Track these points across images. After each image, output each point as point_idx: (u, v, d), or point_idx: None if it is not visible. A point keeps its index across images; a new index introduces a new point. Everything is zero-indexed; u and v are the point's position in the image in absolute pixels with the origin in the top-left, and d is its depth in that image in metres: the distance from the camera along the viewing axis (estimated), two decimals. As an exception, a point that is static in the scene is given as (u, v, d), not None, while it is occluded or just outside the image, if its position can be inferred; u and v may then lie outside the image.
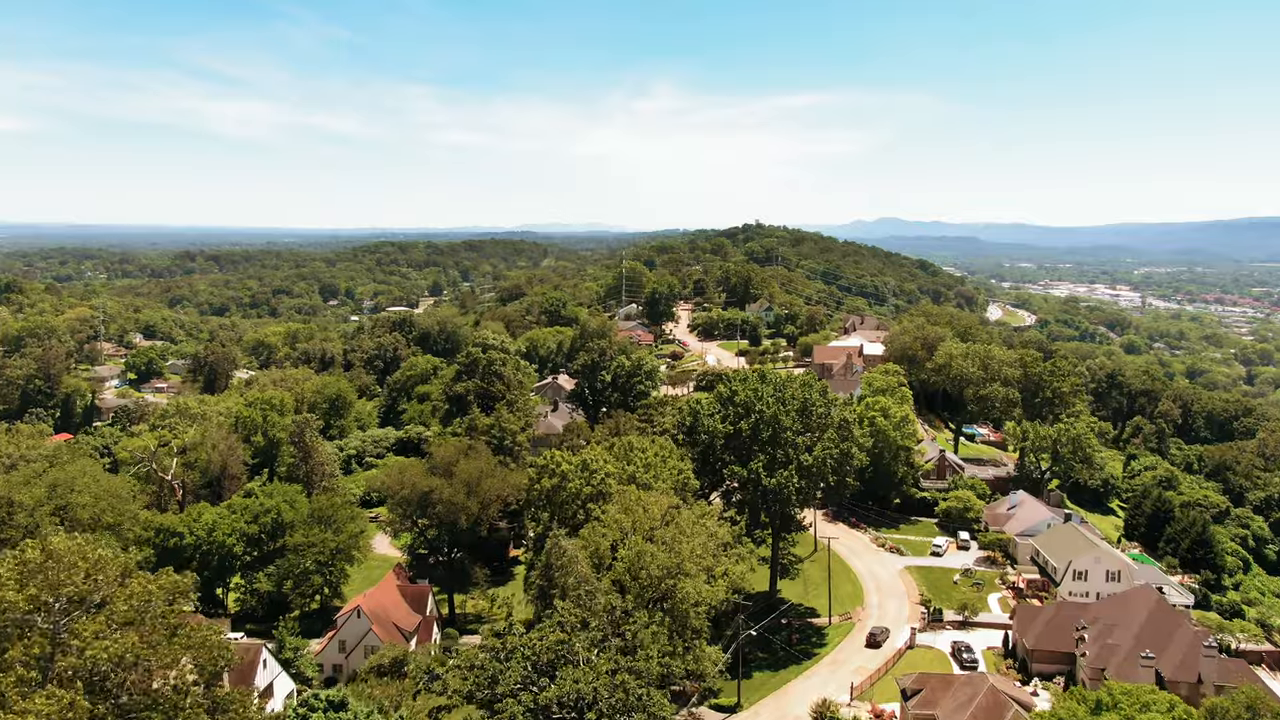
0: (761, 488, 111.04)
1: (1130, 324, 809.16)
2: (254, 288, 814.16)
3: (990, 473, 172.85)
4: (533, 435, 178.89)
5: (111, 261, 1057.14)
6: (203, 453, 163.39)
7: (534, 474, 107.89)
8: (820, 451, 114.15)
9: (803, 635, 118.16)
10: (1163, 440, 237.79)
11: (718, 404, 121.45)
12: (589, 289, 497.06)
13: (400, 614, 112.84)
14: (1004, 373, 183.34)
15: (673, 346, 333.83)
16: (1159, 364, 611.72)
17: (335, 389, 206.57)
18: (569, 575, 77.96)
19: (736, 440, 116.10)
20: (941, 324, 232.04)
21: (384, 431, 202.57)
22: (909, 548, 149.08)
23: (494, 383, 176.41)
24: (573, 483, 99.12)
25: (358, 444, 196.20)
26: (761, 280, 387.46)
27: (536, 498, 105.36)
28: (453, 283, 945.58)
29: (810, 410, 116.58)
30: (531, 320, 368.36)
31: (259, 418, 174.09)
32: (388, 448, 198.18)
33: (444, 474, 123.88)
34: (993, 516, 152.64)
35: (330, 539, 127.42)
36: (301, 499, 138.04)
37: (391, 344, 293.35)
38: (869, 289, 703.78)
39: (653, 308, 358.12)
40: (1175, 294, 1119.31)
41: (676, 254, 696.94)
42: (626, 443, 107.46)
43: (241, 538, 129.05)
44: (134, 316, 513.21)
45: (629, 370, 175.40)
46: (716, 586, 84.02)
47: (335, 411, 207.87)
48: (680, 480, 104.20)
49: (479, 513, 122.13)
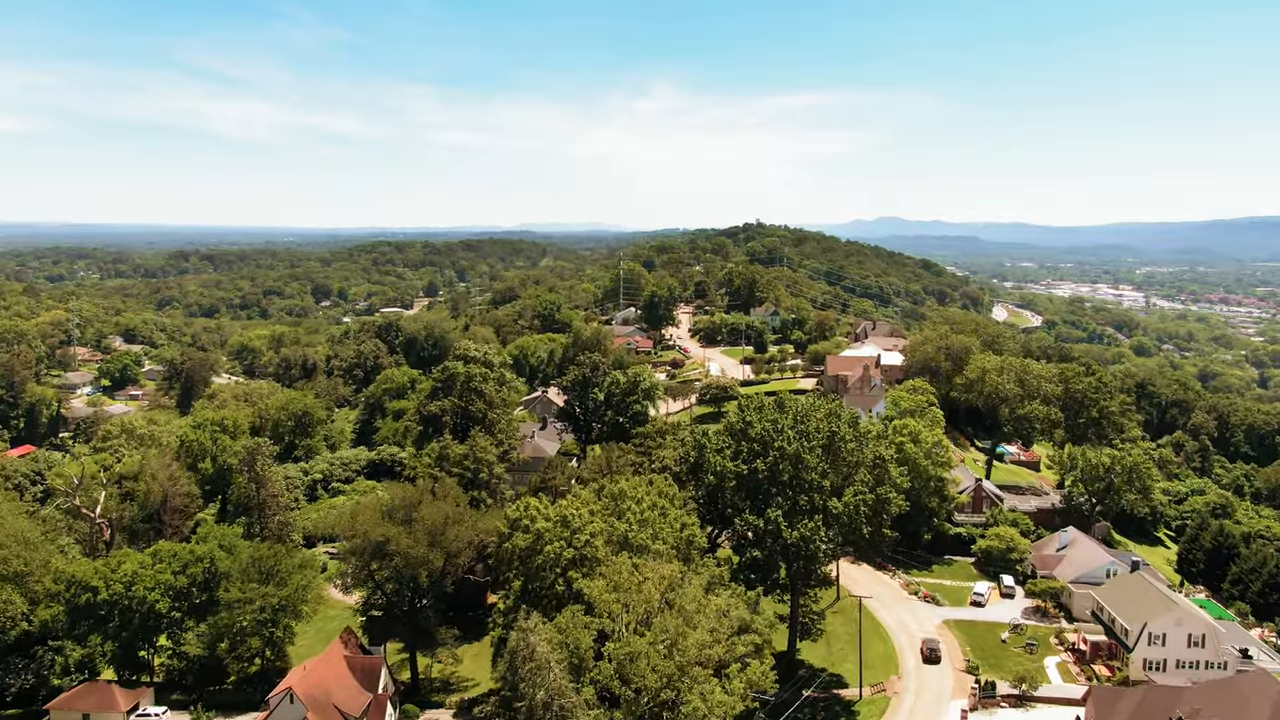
0: (782, 541, 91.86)
1: (1137, 325, 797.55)
2: (245, 288, 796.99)
3: (1032, 504, 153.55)
4: (518, 458, 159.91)
5: (105, 261, 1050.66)
6: (142, 483, 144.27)
7: (505, 527, 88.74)
8: (852, 498, 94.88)
9: (829, 715, 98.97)
10: (1206, 458, 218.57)
11: (728, 437, 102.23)
12: (586, 291, 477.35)
13: (345, 693, 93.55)
14: (1043, 389, 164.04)
15: (673, 353, 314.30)
16: (1170, 366, 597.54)
17: (301, 405, 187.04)
18: (537, 687, 59.01)
19: (751, 482, 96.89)
20: (967, 332, 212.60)
21: (355, 453, 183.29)
22: (945, 595, 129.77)
23: (473, 401, 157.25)
24: (551, 544, 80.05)
25: (325, 467, 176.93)
26: (767, 282, 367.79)
27: (508, 556, 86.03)
28: (449, 283, 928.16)
29: (839, 446, 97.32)
30: (524, 325, 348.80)
31: (208, 441, 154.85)
32: (358, 470, 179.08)
33: (403, 519, 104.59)
34: (1040, 559, 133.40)
35: (272, 593, 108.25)
36: (242, 544, 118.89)
37: (372, 352, 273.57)
38: (873, 290, 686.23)
39: (652, 311, 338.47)
40: (1179, 294, 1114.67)
41: (676, 254, 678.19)
42: (618, 490, 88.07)
43: (168, 591, 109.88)
44: (113, 319, 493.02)
45: (624, 388, 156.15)
46: (732, 690, 64.79)
47: (301, 430, 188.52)
48: (684, 538, 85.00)
49: (444, 566, 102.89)
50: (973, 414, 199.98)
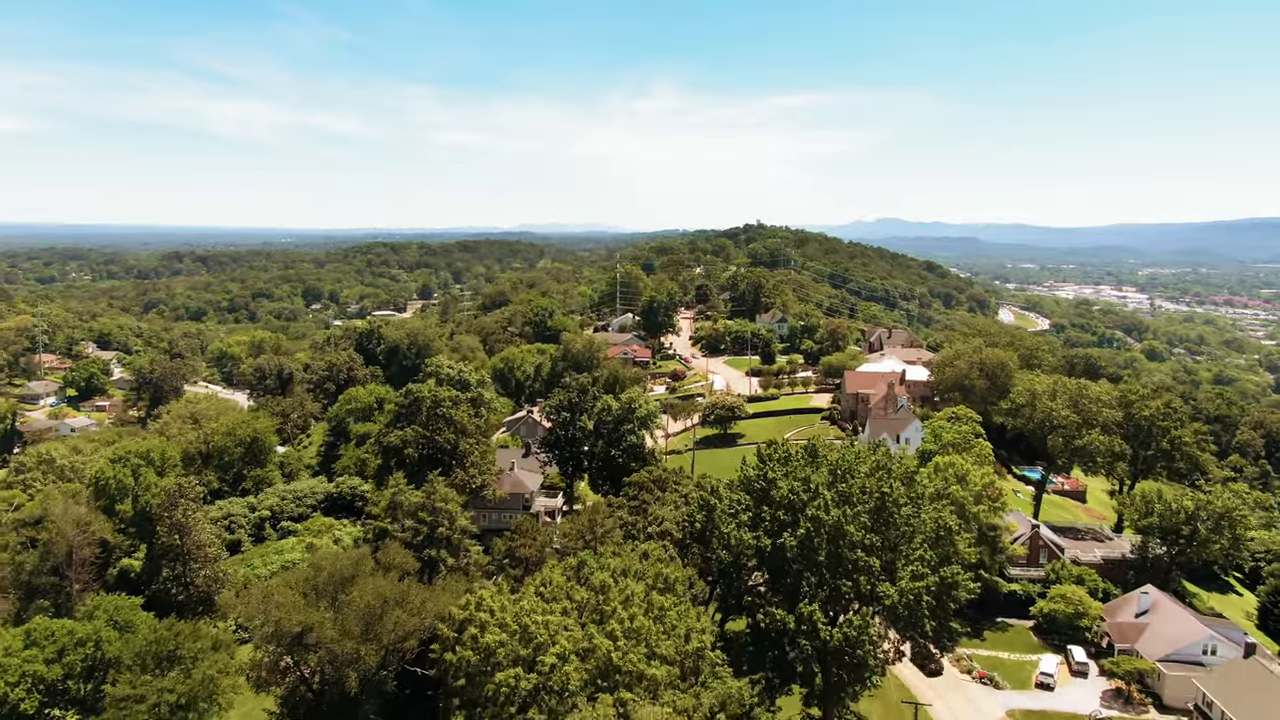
0: (820, 641, 69.28)
1: (1146, 328, 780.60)
2: (234, 291, 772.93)
3: (1097, 553, 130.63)
4: (494, 495, 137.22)
5: (98, 263, 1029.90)
6: (44, 530, 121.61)
7: (449, 631, 66.03)
8: (910, 581, 72.21)
9: None
10: (1268, 484, 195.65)
11: (745, 496, 79.55)
12: (582, 294, 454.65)
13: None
14: (1102, 415, 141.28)
15: (673, 363, 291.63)
16: (1184, 371, 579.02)
17: (250, 430, 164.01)
18: None
19: (776, 559, 74.31)
20: (1002, 344, 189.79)
21: (311, 484, 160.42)
22: (1004, 673, 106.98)
23: (441, 430, 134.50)
24: (505, 670, 57.35)
25: (275, 502, 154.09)
26: (773, 287, 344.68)
27: (453, 672, 63.10)
28: (444, 285, 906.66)
29: (890, 512, 74.65)
30: (514, 332, 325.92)
31: (128, 478, 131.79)
32: (314, 505, 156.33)
33: (330, 598, 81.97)
34: (1116, 627, 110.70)
35: (172, 686, 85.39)
36: (141, 618, 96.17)
37: (345, 363, 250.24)
38: (879, 293, 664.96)
39: (650, 318, 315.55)
40: (1183, 296, 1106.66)
41: (676, 255, 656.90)
42: (600, 583, 65.24)
43: (38, 685, 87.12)
44: (86, 325, 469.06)
45: (617, 415, 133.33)
46: None
47: (252, 458, 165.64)
48: (693, 652, 62.23)
49: (379, 662, 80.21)
50: (1003, 432, 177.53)
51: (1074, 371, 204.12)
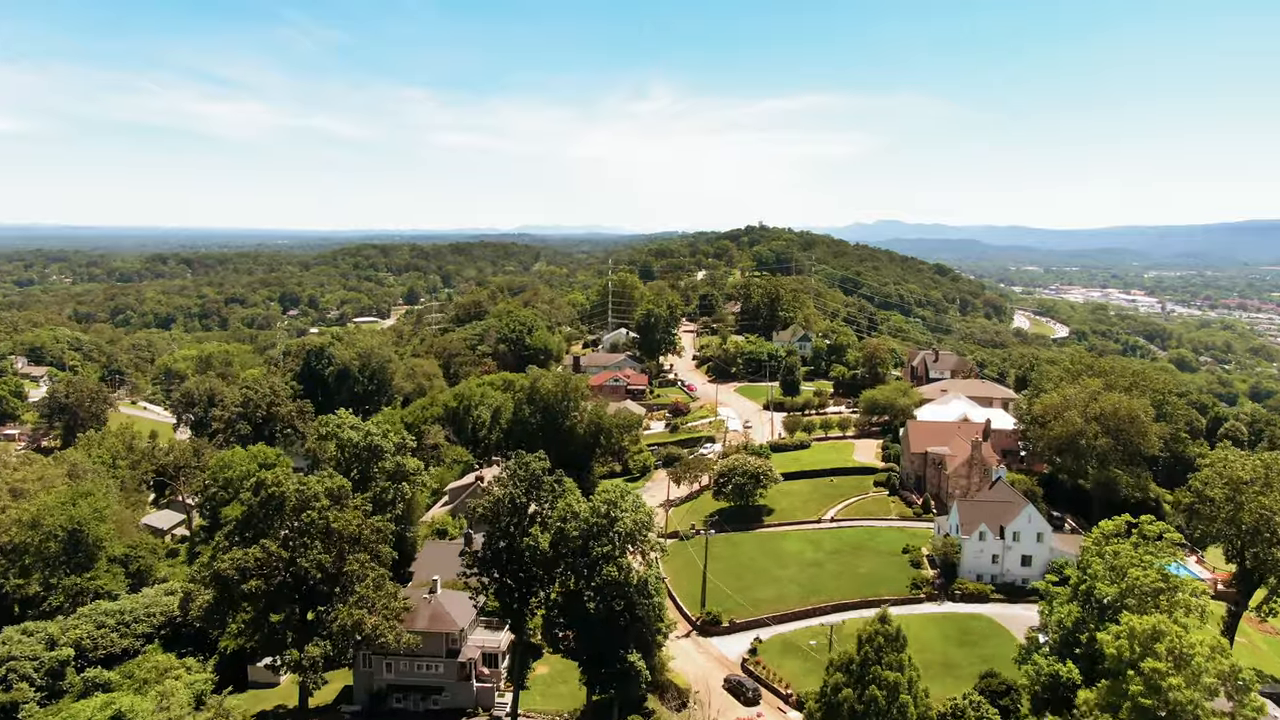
0: None
1: (1169, 335, 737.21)
2: (208, 295, 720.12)
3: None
4: (397, 642, 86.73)
5: (80, 265, 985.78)
6: None
7: None
8: None
9: None
10: None
11: None
12: (574, 301, 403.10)
13: None
14: None
15: (675, 392, 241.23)
16: (1219, 384, 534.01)
17: (70, 517, 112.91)
18: None
19: None
20: (1120, 386, 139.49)
21: (142, 599, 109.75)
22: None
23: (310, 547, 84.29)
24: None
25: (89, 629, 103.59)
26: (792, 297, 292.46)
27: None
28: (432, 289, 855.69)
29: None
30: (485, 352, 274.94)
31: None
32: (146, 634, 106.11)
33: None
34: None
35: None
36: None
37: (265, 397, 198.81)
38: (893, 299, 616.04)
39: (647, 335, 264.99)
40: (1194, 299, 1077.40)
41: (676, 258, 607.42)
42: None
43: None
44: (14, 337, 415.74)
45: (588, 528, 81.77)
46: None
47: (72, 557, 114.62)
48: None
49: None
50: (1080, 496, 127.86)
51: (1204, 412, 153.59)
